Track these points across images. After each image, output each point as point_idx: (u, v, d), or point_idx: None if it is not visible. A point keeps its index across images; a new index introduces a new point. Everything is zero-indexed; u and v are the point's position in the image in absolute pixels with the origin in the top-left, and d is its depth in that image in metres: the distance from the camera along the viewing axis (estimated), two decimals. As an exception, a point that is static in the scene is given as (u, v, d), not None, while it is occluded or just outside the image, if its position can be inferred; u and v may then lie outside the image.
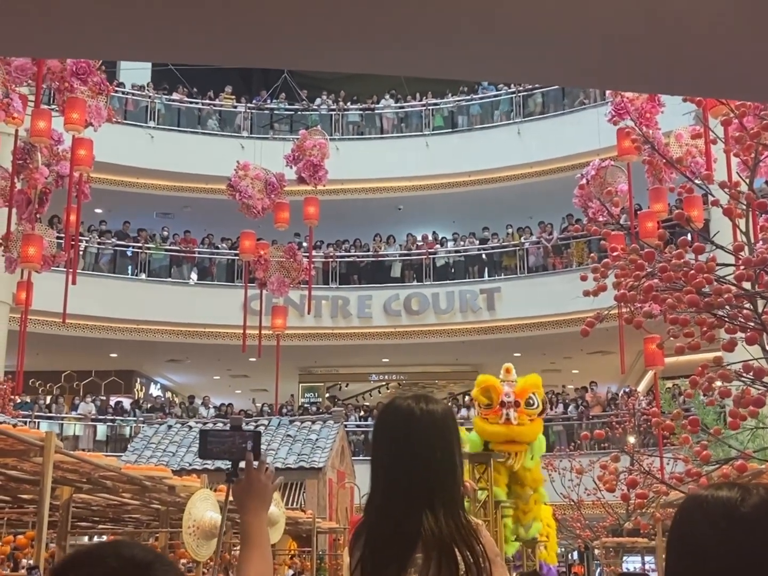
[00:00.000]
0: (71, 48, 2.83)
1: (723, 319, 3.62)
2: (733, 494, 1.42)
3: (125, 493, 5.62)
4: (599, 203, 8.67)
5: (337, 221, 20.54)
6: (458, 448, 2.13)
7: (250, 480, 2.05)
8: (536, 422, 8.87)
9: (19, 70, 8.80)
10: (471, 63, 2.41)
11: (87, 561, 1.27)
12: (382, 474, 2.10)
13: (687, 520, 1.45)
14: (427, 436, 2.08)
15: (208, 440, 2.15)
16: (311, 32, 2.30)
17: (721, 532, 1.39)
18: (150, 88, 23.69)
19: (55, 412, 21.50)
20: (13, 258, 10.45)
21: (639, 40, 2.34)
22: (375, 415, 2.62)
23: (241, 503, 2.06)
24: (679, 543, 1.46)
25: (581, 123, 21.04)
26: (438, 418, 2.11)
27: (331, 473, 14.77)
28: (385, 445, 2.14)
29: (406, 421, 2.11)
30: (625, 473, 4.37)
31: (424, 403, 2.14)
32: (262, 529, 2.05)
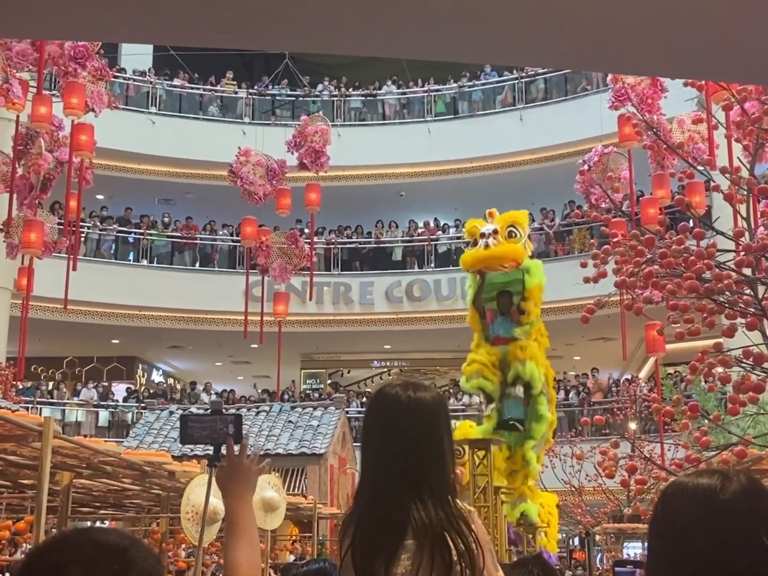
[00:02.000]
0: (71, 29, 2.82)
1: (723, 305, 3.61)
2: (714, 481, 1.44)
3: (125, 479, 5.63)
4: (601, 190, 8.65)
5: (338, 207, 20.51)
6: (447, 436, 2.10)
7: (232, 464, 2.03)
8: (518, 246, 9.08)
9: (20, 55, 8.76)
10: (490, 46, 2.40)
11: (62, 547, 1.26)
12: (371, 462, 2.09)
13: (669, 506, 1.47)
14: (414, 424, 2.06)
15: (188, 425, 2.12)
16: (313, 14, 2.28)
17: (701, 518, 1.41)
18: (151, 73, 23.63)
19: (57, 398, 21.54)
20: (14, 244, 10.44)
21: (648, 24, 2.33)
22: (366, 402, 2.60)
23: (224, 488, 2.03)
24: (660, 528, 1.48)
25: (584, 109, 20.96)
26: (426, 405, 2.09)
27: (333, 459, 14.80)
28: (373, 434, 2.13)
29: (393, 408, 2.09)
30: (625, 459, 4.37)
31: (413, 390, 2.11)
32: (248, 513, 2.02)
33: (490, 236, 8.96)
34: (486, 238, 8.96)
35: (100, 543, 1.26)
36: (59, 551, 1.25)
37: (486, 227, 9.20)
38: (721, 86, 4.83)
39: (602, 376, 22.76)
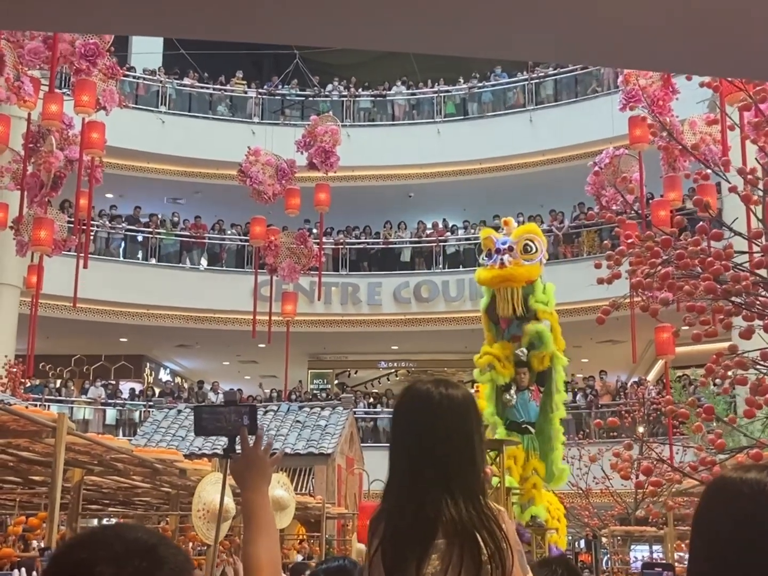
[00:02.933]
0: (82, 21, 2.81)
1: (740, 307, 3.58)
2: (763, 476, 1.37)
3: (136, 476, 5.63)
4: (612, 191, 8.62)
5: (347, 208, 20.50)
6: (478, 434, 2.07)
7: (247, 455, 2.00)
8: (533, 266, 9.32)
9: (32, 53, 8.77)
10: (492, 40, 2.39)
11: (90, 545, 1.23)
12: (400, 459, 2.06)
13: (713, 502, 1.41)
14: (445, 421, 2.03)
15: (202, 417, 2.10)
16: (322, 7, 2.27)
17: (746, 514, 1.34)
18: (161, 72, 23.65)
19: (65, 396, 21.57)
20: (24, 241, 10.45)
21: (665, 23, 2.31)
22: (395, 399, 2.56)
23: (240, 479, 2.00)
24: (703, 526, 1.42)
25: (593, 111, 20.91)
26: (457, 403, 2.06)
27: (340, 459, 14.79)
28: (403, 430, 2.09)
29: (425, 405, 2.06)
30: (640, 461, 4.34)
31: (444, 387, 2.08)
32: (265, 504, 1.99)
33: (506, 253, 9.14)
34: (502, 254, 9.15)
35: (129, 540, 1.23)
36: (87, 549, 1.22)
37: (501, 241, 9.35)
38: (737, 86, 4.81)
39: (610, 378, 22.71)
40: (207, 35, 2.62)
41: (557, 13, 2.27)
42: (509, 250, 9.16)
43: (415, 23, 2.36)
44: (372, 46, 2.67)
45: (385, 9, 2.26)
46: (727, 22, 2.28)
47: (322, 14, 2.31)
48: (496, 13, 2.28)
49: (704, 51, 2.52)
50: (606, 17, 2.30)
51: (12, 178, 10.21)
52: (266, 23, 2.43)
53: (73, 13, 2.36)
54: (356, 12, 2.26)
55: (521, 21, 2.32)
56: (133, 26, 3.08)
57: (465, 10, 2.25)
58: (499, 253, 9.18)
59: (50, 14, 2.38)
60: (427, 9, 2.26)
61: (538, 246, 9.40)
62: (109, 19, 2.46)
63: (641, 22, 2.31)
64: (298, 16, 2.34)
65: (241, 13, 2.33)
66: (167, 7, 2.27)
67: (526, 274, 9.20)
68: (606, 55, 2.80)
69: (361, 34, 2.53)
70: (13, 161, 10.26)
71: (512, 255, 9.15)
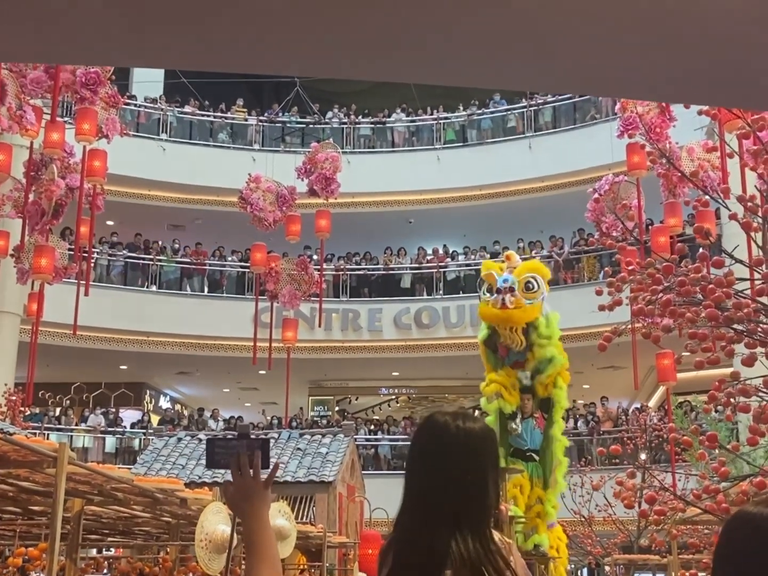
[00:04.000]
0: (85, 53, 2.83)
1: (742, 334, 3.58)
2: None
3: (136, 506, 5.60)
4: (612, 218, 8.65)
5: (347, 234, 20.54)
6: (493, 469, 2.05)
7: (237, 485, 1.97)
8: (534, 305, 9.44)
9: (34, 82, 8.83)
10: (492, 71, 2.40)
11: None
12: (413, 490, 2.04)
13: (734, 537, 1.40)
14: (458, 455, 2.01)
15: (215, 450, 2.08)
16: (322, 40, 2.29)
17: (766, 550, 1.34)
18: (162, 100, 23.78)
19: (64, 424, 21.50)
20: (24, 269, 10.47)
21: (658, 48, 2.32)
22: (414, 428, 2.58)
23: (238, 509, 1.97)
24: (725, 560, 1.41)
25: (592, 138, 21.02)
26: (473, 437, 2.03)
27: (341, 487, 14.71)
28: (417, 461, 2.07)
29: (440, 437, 2.04)
30: (646, 490, 4.32)
31: (462, 420, 2.05)
32: (267, 532, 1.94)
33: (507, 293, 9.24)
34: (503, 294, 9.25)
35: None
36: None
37: (503, 279, 9.42)
38: (735, 114, 4.83)
39: (611, 404, 22.64)
40: (206, 66, 2.64)
41: (555, 45, 2.29)
42: (510, 291, 9.29)
43: (415, 55, 2.37)
44: (373, 77, 2.69)
45: (384, 41, 2.27)
46: (725, 52, 2.30)
47: (323, 47, 2.32)
48: (494, 45, 2.29)
49: (701, 81, 2.53)
50: (604, 47, 2.31)
51: (13, 206, 10.24)
52: (266, 55, 2.44)
53: (74, 45, 2.37)
54: (357, 44, 2.28)
55: (518, 52, 2.34)
56: (134, 59, 3.10)
57: (463, 42, 2.27)
58: (501, 292, 9.30)
59: (50, 47, 2.40)
60: (426, 42, 2.27)
61: (539, 284, 9.50)
62: (110, 51, 2.47)
63: (638, 52, 2.32)
64: (298, 49, 2.36)
65: (242, 45, 2.35)
66: (168, 39, 2.28)
67: (526, 316, 9.33)
68: (603, 85, 2.82)
69: (362, 66, 2.54)
70: (14, 189, 10.30)
71: (513, 295, 9.26)
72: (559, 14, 2.13)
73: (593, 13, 2.14)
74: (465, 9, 2.10)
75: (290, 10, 2.10)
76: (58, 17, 2.06)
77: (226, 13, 2.13)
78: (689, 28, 2.20)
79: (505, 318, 9.21)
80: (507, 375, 9.33)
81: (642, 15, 2.14)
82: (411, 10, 2.12)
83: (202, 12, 2.11)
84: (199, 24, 2.17)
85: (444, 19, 2.16)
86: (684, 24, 2.18)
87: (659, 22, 2.17)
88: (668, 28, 2.19)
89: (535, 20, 2.17)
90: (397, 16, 2.14)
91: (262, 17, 2.15)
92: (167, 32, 2.23)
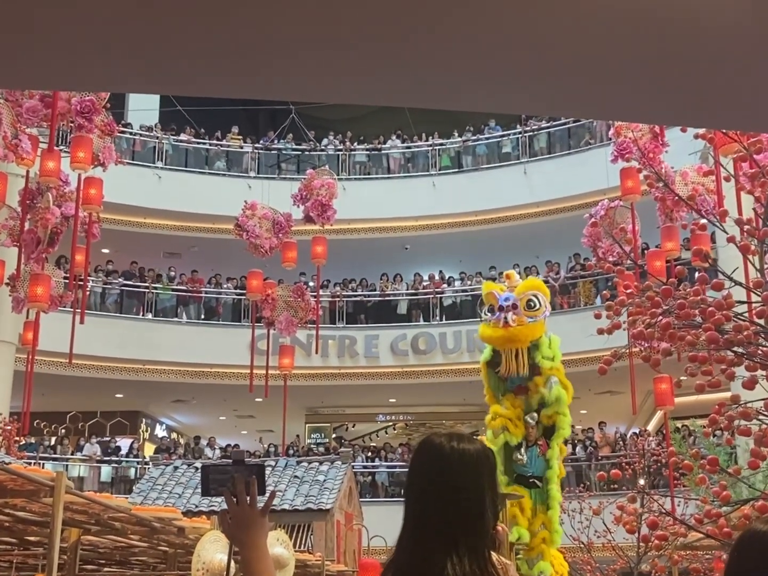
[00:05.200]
0: (80, 80, 2.84)
1: (742, 357, 3.57)
2: None
3: (133, 535, 5.55)
4: (608, 243, 8.67)
5: (343, 260, 20.55)
6: (491, 490, 2.05)
7: (234, 514, 1.94)
8: (537, 324, 9.09)
9: (30, 111, 8.84)
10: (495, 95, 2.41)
11: None
12: (411, 512, 2.05)
13: (745, 555, 1.40)
14: (455, 476, 2.01)
15: (209, 477, 2.05)
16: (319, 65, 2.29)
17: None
18: (158, 128, 23.85)
19: (59, 454, 21.37)
20: (20, 298, 10.44)
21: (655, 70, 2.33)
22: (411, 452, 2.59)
23: (235, 538, 1.94)
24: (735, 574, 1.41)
25: (587, 163, 21.11)
26: (469, 457, 2.04)
27: (339, 515, 14.62)
28: (413, 483, 2.08)
29: (436, 459, 2.05)
30: (644, 514, 4.29)
31: (456, 441, 2.07)
32: (265, 561, 1.92)
33: (510, 311, 8.91)
34: (505, 312, 8.92)
35: None
36: None
37: (504, 297, 9.11)
38: (731, 138, 4.85)
39: (609, 429, 22.58)
40: (202, 92, 2.64)
41: (549, 69, 2.29)
42: (513, 308, 8.95)
43: (410, 79, 2.37)
44: (368, 101, 2.69)
45: (380, 65, 2.28)
46: (721, 73, 2.30)
47: (319, 72, 2.33)
48: (490, 69, 2.30)
49: (698, 103, 2.54)
50: (597, 72, 2.32)
51: (8, 234, 10.23)
52: (262, 80, 2.45)
53: (71, 71, 2.38)
54: (352, 69, 2.28)
55: (513, 76, 2.34)
56: (130, 84, 3.11)
57: (461, 66, 2.27)
58: (503, 311, 8.94)
59: (47, 73, 2.40)
60: (420, 66, 2.28)
61: (541, 301, 9.19)
62: (106, 76, 2.48)
63: (633, 75, 2.33)
64: (294, 74, 2.36)
65: (239, 71, 2.35)
66: (164, 64, 2.29)
67: (530, 334, 9.03)
68: (599, 109, 2.83)
69: (357, 90, 2.55)
70: (9, 218, 10.30)
71: (516, 313, 8.93)
72: (553, 39, 2.14)
73: (588, 36, 2.15)
74: (458, 34, 2.11)
75: (286, 37, 2.11)
76: (60, 44, 2.06)
77: (224, 41, 2.13)
78: (685, 48, 2.21)
79: (508, 337, 8.94)
80: (512, 406, 9.20)
81: (637, 36, 2.14)
82: (405, 35, 2.13)
83: (203, 40, 2.12)
84: (200, 51, 2.17)
85: (438, 43, 2.16)
86: (680, 44, 2.19)
87: (654, 43, 2.17)
88: (664, 50, 2.20)
89: (528, 44, 2.17)
90: (391, 41, 2.15)
91: (261, 44, 2.16)
92: (167, 58, 2.23)
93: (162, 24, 2.02)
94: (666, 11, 2.06)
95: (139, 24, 2.01)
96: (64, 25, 2.00)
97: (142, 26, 2.02)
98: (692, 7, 2.06)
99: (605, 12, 2.05)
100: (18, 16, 1.99)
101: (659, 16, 2.06)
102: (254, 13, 1.96)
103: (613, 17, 2.06)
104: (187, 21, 1.99)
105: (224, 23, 2.01)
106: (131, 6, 1.96)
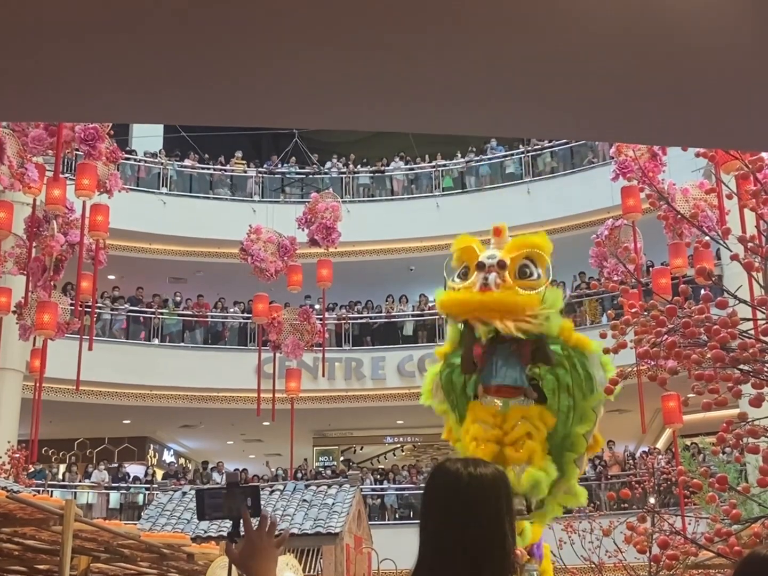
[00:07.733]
0: (85, 111, 2.87)
1: (749, 374, 3.57)
2: None
3: (143, 562, 5.54)
4: (613, 262, 8.68)
5: (349, 283, 20.56)
6: (508, 514, 2.03)
7: (251, 540, 1.91)
8: (533, 294, 5.23)
9: (35, 140, 8.92)
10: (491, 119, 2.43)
11: None
12: (428, 541, 2.01)
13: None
14: (473, 503, 1.99)
15: (204, 500, 2.04)
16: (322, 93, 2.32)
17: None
18: (162, 155, 23.97)
19: (68, 481, 21.34)
20: (27, 326, 10.47)
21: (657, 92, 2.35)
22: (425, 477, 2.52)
23: (246, 568, 1.91)
24: None
25: (590, 182, 21.13)
26: (487, 483, 2.02)
27: (348, 538, 14.55)
28: (430, 511, 2.05)
29: (452, 485, 2.02)
30: (655, 534, 4.27)
31: (473, 467, 2.05)
32: None
33: (493, 270, 5.49)
34: (486, 272, 5.49)
35: None
36: None
37: (488, 254, 5.73)
38: (733, 156, 4.87)
39: (618, 448, 22.48)
40: (207, 121, 2.67)
41: (551, 92, 2.31)
42: (499, 267, 5.42)
43: (415, 104, 2.40)
44: (371, 127, 2.72)
45: (386, 93, 2.30)
46: (723, 92, 2.32)
47: (322, 99, 2.35)
48: (492, 94, 2.32)
49: (697, 123, 2.56)
50: (598, 93, 2.33)
51: (15, 262, 10.27)
52: (266, 109, 2.47)
53: (75, 103, 2.40)
54: (359, 96, 2.30)
55: (513, 100, 2.36)
56: (134, 114, 3.14)
57: (465, 91, 2.29)
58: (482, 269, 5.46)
59: (52, 106, 2.43)
60: (425, 92, 2.30)
61: (539, 271, 5.45)
62: (109, 108, 2.50)
63: (636, 96, 2.34)
64: (297, 102, 2.38)
65: (242, 100, 2.38)
66: (168, 95, 2.31)
67: (520, 305, 5.18)
68: (601, 130, 2.85)
69: (361, 117, 2.57)
70: (16, 246, 10.35)
71: (501, 276, 5.36)
72: (555, 60, 2.16)
73: (588, 59, 2.17)
74: (459, 60, 2.13)
75: (288, 63, 2.13)
76: (64, 76, 2.09)
77: (227, 70, 2.16)
78: (683, 71, 2.22)
79: (486, 306, 5.29)
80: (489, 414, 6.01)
81: (639, 55, 2.16)
82: (406, 62, 2.15)
83: (204, 68, 2.15)
84: (200, 81, 2.20)
85: (439, 69, 2.19)
86: (678, 67, 2.20)
87: (656, 63, 2.19)
88: (666, 70, 2.22)
89: (529, 68, 2.20)
90: (392, 68, 2.17)
91: (262, 71, 2.18)
92: (170, 88, 2.26)
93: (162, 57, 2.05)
94: (665, 31, 2.08)
95: (140, 57, 2.04)
96: (70, 58, 2.03)
97: (143, 60, 2.05)
98: (690, 29, 2.08)
99: (606, 35, 2.07)
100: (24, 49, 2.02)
101: (656, 36, 2.08)
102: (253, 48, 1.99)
103: (614, 42, 2.09)
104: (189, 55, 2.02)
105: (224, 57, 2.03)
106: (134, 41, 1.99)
